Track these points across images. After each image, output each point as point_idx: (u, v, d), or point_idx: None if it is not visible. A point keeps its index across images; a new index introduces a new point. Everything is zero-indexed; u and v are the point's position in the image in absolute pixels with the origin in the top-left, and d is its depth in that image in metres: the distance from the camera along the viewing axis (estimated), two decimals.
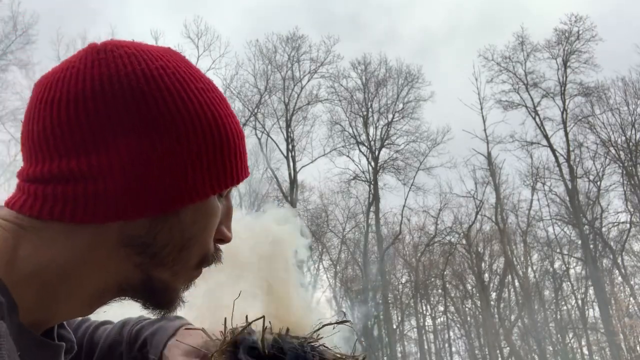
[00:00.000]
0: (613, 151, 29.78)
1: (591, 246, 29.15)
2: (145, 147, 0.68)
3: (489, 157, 30.87)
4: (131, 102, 0.68)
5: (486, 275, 31.67)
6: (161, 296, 0.77)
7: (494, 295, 31.27)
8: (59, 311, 0.72)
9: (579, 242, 30.01)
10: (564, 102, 30.31)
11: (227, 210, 0.80)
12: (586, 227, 29.34)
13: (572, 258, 31.42)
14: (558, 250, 31.60)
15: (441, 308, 33.60)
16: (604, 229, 29.54)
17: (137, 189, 0.68)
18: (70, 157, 0.68)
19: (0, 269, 0.66)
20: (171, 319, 1.02)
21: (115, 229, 0.70)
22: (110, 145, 0.67)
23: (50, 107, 0.69)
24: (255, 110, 29.90)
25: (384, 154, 31.14)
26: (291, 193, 28.63)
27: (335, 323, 1.00)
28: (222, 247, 0.82)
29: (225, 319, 0.95)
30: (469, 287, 32.73)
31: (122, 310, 0.92)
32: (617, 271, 29.82)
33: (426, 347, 32.46)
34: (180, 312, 0.82)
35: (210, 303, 1.23)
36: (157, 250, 0.72)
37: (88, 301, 0.74)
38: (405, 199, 30.96)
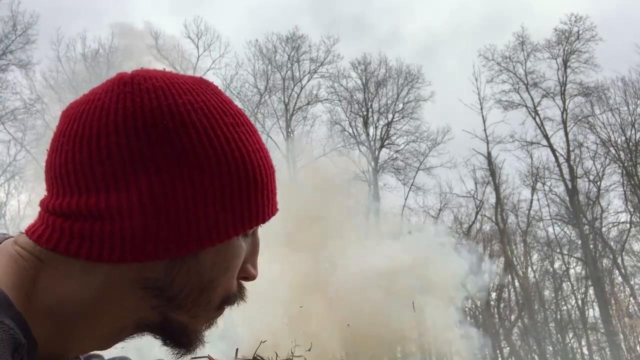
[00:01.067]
0: (613, 151, 29.83)
1: (591, 246, 29.17)
2: (167, 185, 0.66)
3: (489, 157, 30.88)
4: (154, 139, 0.66)
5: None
6: (180, 337, 0.75)
7: (494, 295, 31.27)
8: (74, 346, 0.72)
9: (579, 242, 30.03)
10: (564, 102, 30.34)
11: (253, 247, 0.77)
12: (586, 227, 29.36)
13: (572, 258, 31.45)
14: (558, 250, 31.62)
15: None
16: (604, 229, 29.58)
17: (154, 230, 0.66)
18: (90, 194, 0.66)
19: (19, 301, 0.65)
20: None
21: (131, 270, 0.68)
22: (131, 182, 0.65)
23: (73, 142, 0.67)
24: (255, 110, 29.89)
25: (384, 154, 31.18)
26: None
27: None
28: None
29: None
30: None
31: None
32: (617, 271, 29.85)
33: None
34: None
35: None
36: (174, 294, 0.71)
37: (105, 338, 0.73)
38: (405, 199, 30.99)
